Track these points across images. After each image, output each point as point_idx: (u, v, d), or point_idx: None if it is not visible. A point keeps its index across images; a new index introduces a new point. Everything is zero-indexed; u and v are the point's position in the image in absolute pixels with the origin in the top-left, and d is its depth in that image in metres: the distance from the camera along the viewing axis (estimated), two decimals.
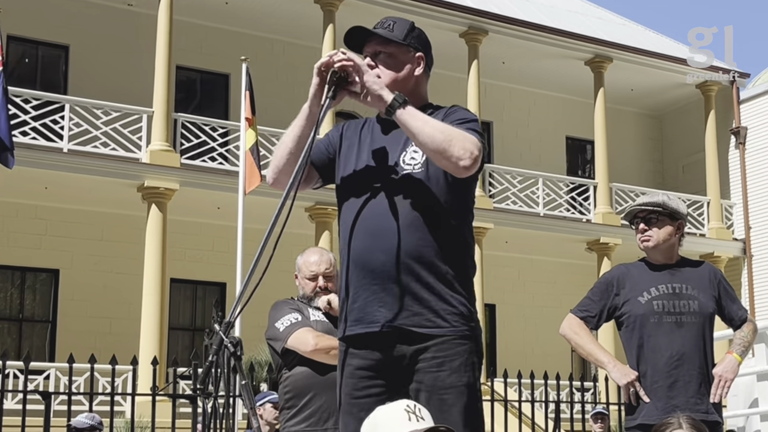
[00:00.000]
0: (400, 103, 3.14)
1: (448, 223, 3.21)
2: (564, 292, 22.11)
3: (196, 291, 19.83)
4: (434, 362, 3.14)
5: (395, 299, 3.15)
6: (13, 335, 18.32)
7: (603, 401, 10.72)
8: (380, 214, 3.18)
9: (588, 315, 4.69)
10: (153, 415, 7.92)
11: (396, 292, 3.15)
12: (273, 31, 20.56)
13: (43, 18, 18.82)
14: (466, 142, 3.10)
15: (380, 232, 3.16)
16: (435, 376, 3.13)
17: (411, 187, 3.19)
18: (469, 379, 3.17)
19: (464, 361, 3.17)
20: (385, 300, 3.16)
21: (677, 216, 4.67)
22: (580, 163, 25.57)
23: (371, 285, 3.18)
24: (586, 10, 24.90)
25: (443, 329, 3.17)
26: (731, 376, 4.55)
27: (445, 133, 3.10)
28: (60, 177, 16.57)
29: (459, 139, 3.09)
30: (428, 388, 3.13)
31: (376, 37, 3.32)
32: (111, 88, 18.63)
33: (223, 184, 17.29)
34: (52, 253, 18.23)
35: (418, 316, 3.15)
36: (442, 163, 3.11)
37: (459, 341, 3.17)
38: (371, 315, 3.17)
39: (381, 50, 3.32)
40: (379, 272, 3.16)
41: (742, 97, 24.41)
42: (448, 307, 3.18)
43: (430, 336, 3.16)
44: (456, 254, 3.23)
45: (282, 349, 4.46)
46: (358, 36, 3.34)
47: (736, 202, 24.20)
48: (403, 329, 3.15)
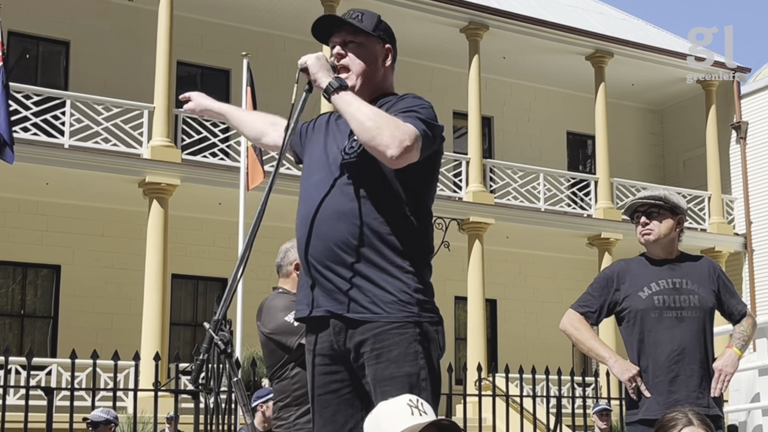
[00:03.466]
0: (334, 88, 3.13)
1: (388, 211, 3.15)
2: (565, 287, 22.12)
3: (197, 286, 19.84)
4: (373, 354, 3.10)
5: (331, 286, 3.16)
6: (15, 331, 18.34)
7: (604, 396, 10.73)
8: (317, 203, 3.21)
9: (588, 310, 4.69)
10: (155, 410, 7.93)
11: (331, 279, 3.16)
12: (274, 27, 20.56)
13: (43, 14, 18.82)
14: (397, 130, 3.01)
15: (316, 221, 3.20)
16: (375, 368, 3.10)
17: (348, 175, 3.20)
18: (411, 369, 3.07)
19: (404, 350, 3.07)
20: (323, 286, 3.18)
21: (678, 210, 4.68)
22: (581, 158, 25.57)
23: (312, 272, 3.20)
24: (586, 5, 24.88)
25: (377, 315, 3.11)
26: (731, 370, 4.56)
27: (374, 120, 3.03)
28: (61, 173, 16.58)
29: (390, 127, 3.01)
30: (372, 381, 3.11)
31: (346, 27, 3.33)
32: (112, 83, 18.64)
33: (225, 180, 17.29)
34: (54, 249, 18.25)
35: (353, 302, 3.14)
36: (373, 152, 3.05)
37: (397, 330, 3.09)
38: (314, 300, 3.21)
39: (351, 39, 3.32)
40: (317, 260, 3.18)
41: (743, 92, 24.40)
42: (384, 294, 3.11)
43: (366, 323, 3.12)
44: (399, 241, 3.16)
45: (296, 344, 4.40)
46: (326, 26, 3.38)
47: (737, 197, 24.20)
48: (340, 316, 3.15)
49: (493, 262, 21.14)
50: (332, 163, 3.25)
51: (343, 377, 3.21)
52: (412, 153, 3.04)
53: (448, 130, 23.06)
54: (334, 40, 3.35)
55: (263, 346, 4.69)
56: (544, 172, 21.82)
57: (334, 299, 3.16)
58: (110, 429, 8.73)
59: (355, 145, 3.21)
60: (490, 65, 21.81)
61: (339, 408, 3.22)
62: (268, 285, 4.92)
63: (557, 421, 10.32)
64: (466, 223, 19.62)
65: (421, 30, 20.80)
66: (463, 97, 20.86)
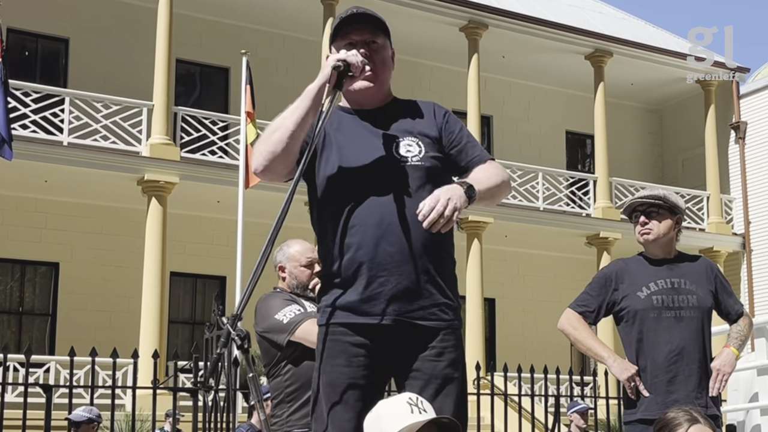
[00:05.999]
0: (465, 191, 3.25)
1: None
2: (563, 286, 22.12)
3: (196, 284, 19.84)
4: (433, 351, 3.15)
5: (403, 292, 3.14)
6: (13, 328, 18.34)
7: (603, 395, 10.73)
8: (385, 206, 3.14)
9: (587, 310, 4.69)
10: (154, 408, 7.93)
11: (404, 286, 3.14)
12: (273, 25, 20.55)
13: (43, 11, 18.80)
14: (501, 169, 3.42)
15: (388, 225, 3.14)
16: (434, 365, 3.15)
17: (413, 178, 3.18)
18: (463, 372, 3.22)
19: (459, 354, 3.21)
20: (392, 293, 3.14)
21: (677, 210, 4.69)
22: (580, 157, 25.58)
23: (378, 277, 3.14)
24: (586, 5, 24.88)
25: (446, 322, 3.20)
26: (729, 369, 4.57)
27: (500, 175, 3.41)
28: (60, 170, 16.58)
29: (502, 170, 3.39)
30: (426, 376, 3.14)
31: (371, 26, 3.27)
32: (111, 81, 18.62)
33: (223, 178, 17.29)
34: (52, 247, 18.24)
35: (423, 309, 3.16)
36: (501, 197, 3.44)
37: (454, 334, 3.22)
38: (376, 306, 3.15)
39: (373, 40, 3.26)
40: (387, 265, 3.14)
41: (742, 91, 24.41)
42: (448, 301, 3.22)
43: (434, 328, 3.17)
44: (449, 248, 3.29)
45: (286, 341, 4.44)
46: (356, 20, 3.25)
47: (736, 197, 24.21)
48: (408, 322, 3.16)
49: (492, 261, 21.14)
50: (384, 166, 3.17)
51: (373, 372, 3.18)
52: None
53: None
54: (355, 37, 3.25)
55: (259, 344, 4.74)
56: (543, 171, 21.83)
57: (409, 305, 3.15)
58: (93, 428, 8.63)
59: (413, 148, 3.21)
60: (489, 64, 21.81)
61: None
62: (271, 285, 4.94)
63: (555, 421, 10.32)
64: (464, 222, 19.62)
65: (420, 29, 20.79)
66: (463, 96, 20.85)
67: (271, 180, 3.19)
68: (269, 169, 3.15)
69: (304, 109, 3.13)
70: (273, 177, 3.17)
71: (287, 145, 3.12)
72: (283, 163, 3.13)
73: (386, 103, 3.31)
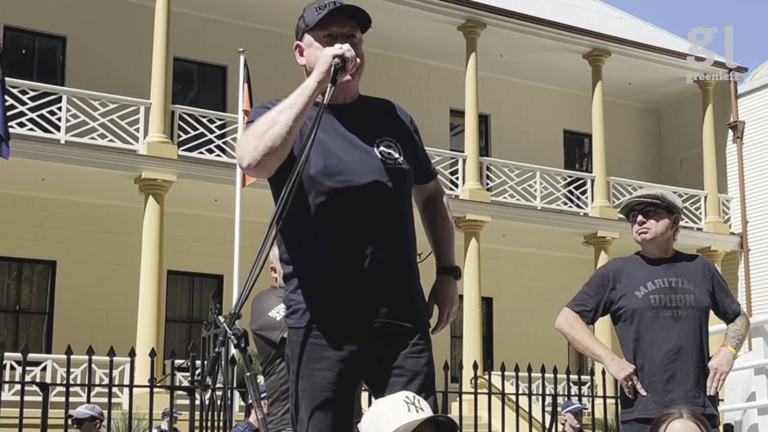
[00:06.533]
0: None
1: (412, 216, 3.30)
2: (561, 285, 22.12)
3: (193, 283, 19.83)
4: (415, 349, 3.18)
5: (383, 293, 3.15)
6: (10, 326, 18.33)
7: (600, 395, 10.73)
8: (366, 206, 3.14)
9: (584, 309, 4.69)
10: (151, 406, 7.92)
11: (384, 287, 3.15)
12: (271, 23, 20.53)
13: (40, 8, 18.78)
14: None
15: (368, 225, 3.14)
16: (416, 361, 3.17)
17: (394, 179, 3.19)
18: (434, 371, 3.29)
19: (431, 353, 3.26)
20: (372, 294, 3.13)
21: (674, 210, 4.69)
22: (578, 156, 25.59)
23: (357, 278, 3.13)
24: (584, 4, 24.88)
25: (422, 323, 3.27)
26: (726, 368, 4.57)
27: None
28: (57, 168, 16.56)
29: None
30: (410, 373, 3.15)
31: (352, 20, 3.26)
32: (108, 79, 18.61)
33: (221, 176, 17.28)
34: (49, 245, 18.23)
35: (401, 310, 3.19)
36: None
37: (428, 334, 3.28)
38: (356, 308, 3.13)
39: (354, 34, 3.25)
40: (366, 266, 3.13)
41: (740, 91, 24.41)
42: (422, 302, 3.31)
43: (412, 329, 3.21)
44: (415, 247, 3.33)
45: (279, 338, 4.45)
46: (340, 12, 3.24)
47: (734, 197, 24.22)
48: (387, 323, 3.16)
49: (490, 260, 21.14)
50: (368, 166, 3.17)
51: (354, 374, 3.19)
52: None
53: (445, 128, 23.06)
54: (336, 29, 3.23)
55: (255, 343, 4.74)
56: (541, 170, 21.83)
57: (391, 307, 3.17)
58: (95, 425, 8.64)
59: (393, 151, 3.22)
60: (487, 63, 21.81)
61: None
62: (269, 283, 4.93)
63: (553, 420, 10.32)
64: (462, 221, 19.62)
65: (418, 27, 20.79)
66: (460, 94, 20.85)
67: (258, 176, 3.13)
68: (262, 164, 3.06)
69: (302, 105, 3.08)
70: (263, 173, 3.11)
71: (285, 140, 3.05)
72: (279, 158, 3.07)
73: (355, 99, 3.30)
